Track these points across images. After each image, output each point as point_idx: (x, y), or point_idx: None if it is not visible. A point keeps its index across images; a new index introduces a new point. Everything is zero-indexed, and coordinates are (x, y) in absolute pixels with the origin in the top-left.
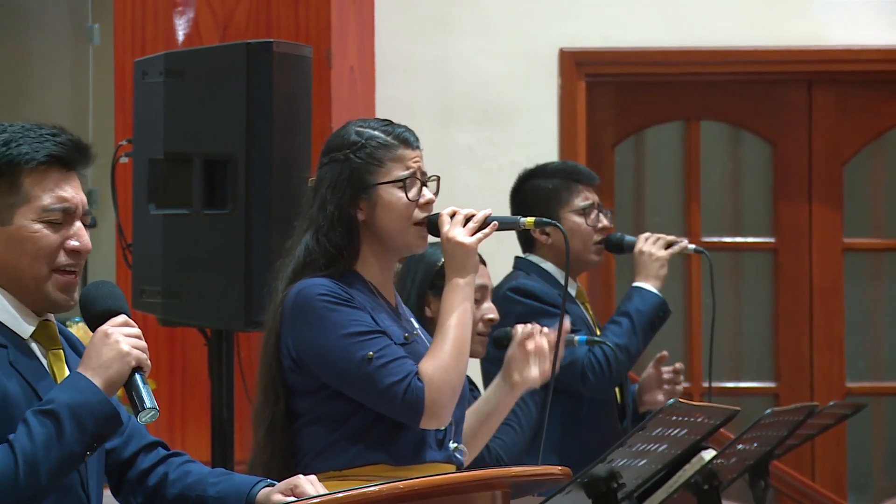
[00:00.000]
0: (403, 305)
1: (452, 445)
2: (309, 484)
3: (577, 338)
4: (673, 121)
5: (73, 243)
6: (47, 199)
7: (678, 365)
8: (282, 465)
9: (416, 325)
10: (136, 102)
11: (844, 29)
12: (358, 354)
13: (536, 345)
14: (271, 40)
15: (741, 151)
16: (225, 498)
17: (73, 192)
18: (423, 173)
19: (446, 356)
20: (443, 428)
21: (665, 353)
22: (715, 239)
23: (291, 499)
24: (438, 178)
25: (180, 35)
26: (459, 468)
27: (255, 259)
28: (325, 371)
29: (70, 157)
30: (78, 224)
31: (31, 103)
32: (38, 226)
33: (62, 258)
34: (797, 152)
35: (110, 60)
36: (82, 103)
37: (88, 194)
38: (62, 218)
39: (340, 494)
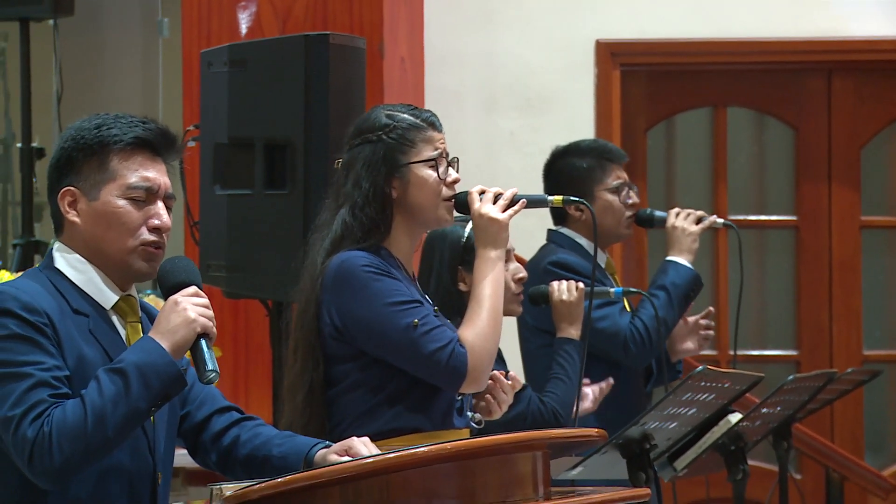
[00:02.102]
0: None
1: (469, 414)
2: (362, 445)
3: (612, 290)
4: (701, 107)
5: (155, 221)
6: (132, 178)
7: (710, 309)
8: (318, 429)
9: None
10: (202, 91)
11: (862, 21)
12: (403, 322)
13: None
14: (328, 33)
15: (765, 135)
16: (287, 458)
17: (156, 174)
18: (448, 154)
19: (484, 324)
20: (458, 397)
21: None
22: (741, 217)
23: (346, 459)
24: (457, 160)
25: (243, 28)
26: (475, 435)
27: None
28: (370, 338)
29: (157, 142)
30: (160, 203)
31: (106, 92)
32: (122, 202)
33: (145, 234)
34: (818, 136)
35: (178, 52)
36: (152, 92)
37: None
38: (145, 196)
39: (392, 455)
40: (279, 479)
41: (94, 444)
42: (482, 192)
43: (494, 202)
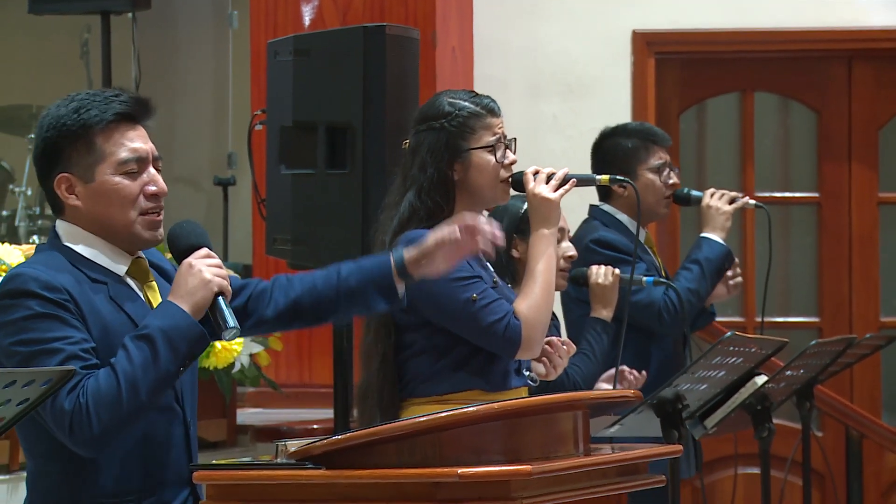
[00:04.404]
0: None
1: (527, 373)
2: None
3: (644, 279)
4: (730, 92)
5: (151, 188)
6: (122, 153)
7: (735, 260)
8: (391, 391)
9: (492, 270)
10: (268, 78)
11: (881, 12)
12: (463, 296)
13: None
14: (384, 24)
15: (789, 118)
16: (371, 280)
17: (141, 143)
18: (505, 136)
19: (537, 297)
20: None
21: None
22: (766, 194)
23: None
24: (515, 140)
25: (306, 20)
26: (531, 392)
27: (370, 211)
28: (434, 311)
29: (134, 111)
30: (152, 170)
31: (180, 79)
32: (118, 178)
33: (143, 202)
34: (838, 119)
35: (247, 42)
36: (223, 79)
37: (228, 157)
38: (137, 167)
39: (444, 414)
40: (339, 437)
41: (129, 409)
42: (536, 173)
43: (547, 182)
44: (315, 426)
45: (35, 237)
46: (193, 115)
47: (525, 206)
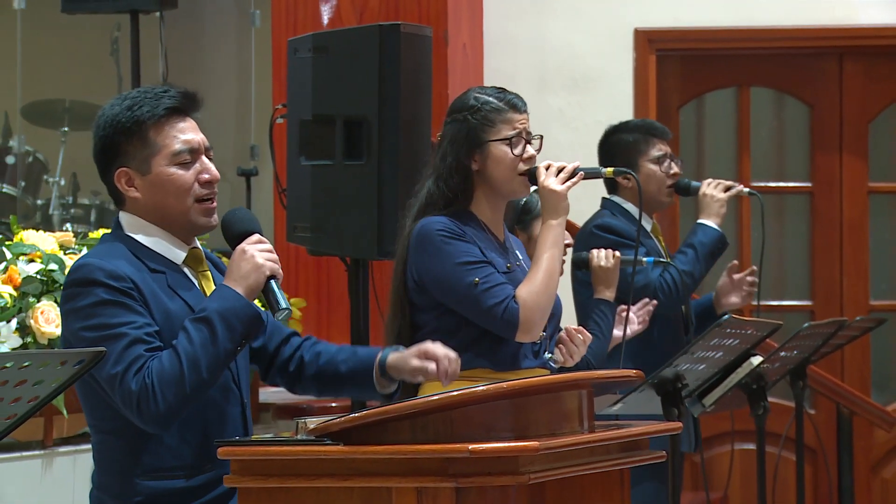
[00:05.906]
0: (512, 239)
1: (547, 356)
2: (435, 345)
3: (645, 259)
4: (727, 87)
5: (205, 176)
6: (176, 146)
7: (754, 267)
8: None
9: (521, 256)
10: (289, 74)
11: (871, 11)
12: (466, 280)
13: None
14: (399, 23)
15: (784, 112)
16: (355, 374)
17: (193, 134)
18: (528, 133)
19: (538, 283)
20: (537, 341)
21: (735, 262)
22: (761, 184)
23: (430, 365)
24: (541, 137)
25: (325, 18)
26: (552, 374)
27: (385, 200)
28: (441, 292)
29: (183, 105)
30: (204, 159)
31: (205, 76)
32: (172, 169)
33: (198, 190)
34: (830, 112)
35: (268, 40)
36: (245, 75)
37: (251, 149)
38: (190, 157)
39: (455, 393)
40: (356, 415)
41: (192, 387)
42: (548, 167)
43: (557, 175)
44: (333, 404)
45: (68, 225)
46: (218, 110)
47: (525, 197)
